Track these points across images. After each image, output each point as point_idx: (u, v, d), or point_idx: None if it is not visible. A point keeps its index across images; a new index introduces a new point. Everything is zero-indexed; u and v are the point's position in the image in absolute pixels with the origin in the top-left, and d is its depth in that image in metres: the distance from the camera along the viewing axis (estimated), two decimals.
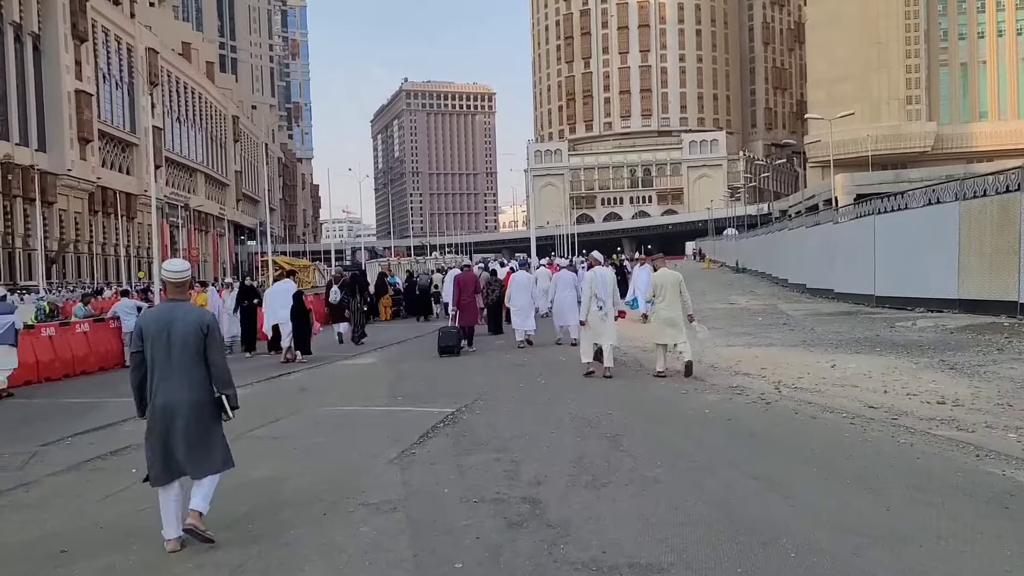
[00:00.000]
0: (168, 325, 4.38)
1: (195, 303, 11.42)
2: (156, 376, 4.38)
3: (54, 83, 60.40)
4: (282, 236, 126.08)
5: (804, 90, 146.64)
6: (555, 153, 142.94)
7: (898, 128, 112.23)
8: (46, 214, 58.72)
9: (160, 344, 4.36)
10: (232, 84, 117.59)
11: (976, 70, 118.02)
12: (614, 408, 7.64)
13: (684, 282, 9.89)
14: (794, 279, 27.41)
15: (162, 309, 4.58)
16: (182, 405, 4.34)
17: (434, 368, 11.78)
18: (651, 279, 10.23)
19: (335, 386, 10.45)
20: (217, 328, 4.63)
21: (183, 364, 4.36)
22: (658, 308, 9.70)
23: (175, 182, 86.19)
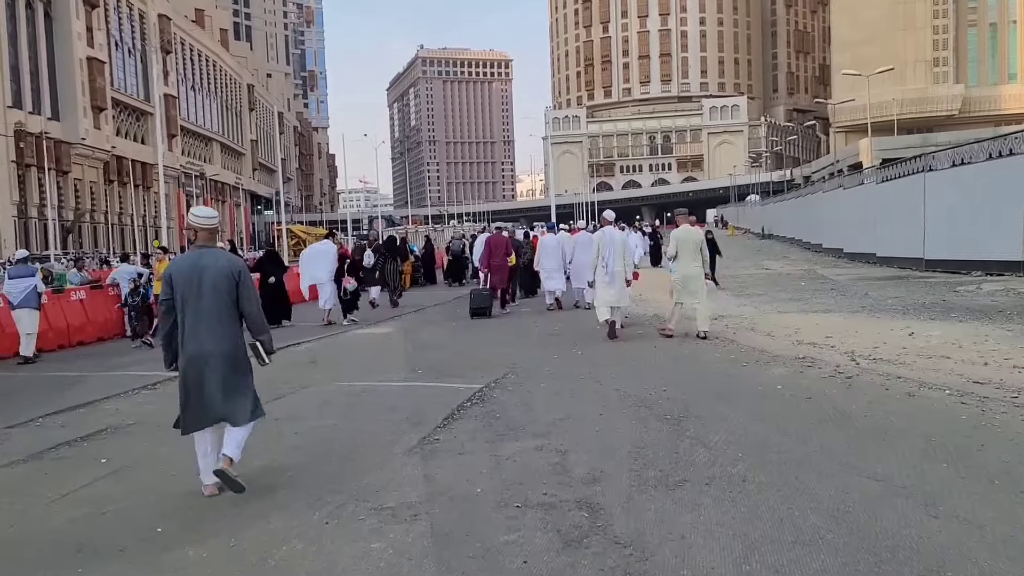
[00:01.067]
0: (199, 272, 4.26)
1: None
2: (187, 324, 4.27)
3: (66, 50, 59.65)
4: (299, 206, 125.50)
5: (827, 54, 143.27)
6: (573, 120, 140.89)
7: (924, 91, 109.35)
8: (61, 183, 58.41)
9: (191, 291, 4.25)
10: (247, 52, 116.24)
11: (1006, 30, 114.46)
12: (668, 383, 6.57)
13: (705, 242, 9.64)
14: (829, 243, 26.14)
15: (192, 256, 4.42)
16: (213, 354, 4.24)
17: (459, 337, 10.79)
18: (674, 235, 9.82)
19: (349, 358, 9.46)
20: (248, 274, 4.47)
21: (214, 312, 4.25)
22: (679, 266, 9.49)
23: (191, 151, 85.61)
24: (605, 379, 6.88)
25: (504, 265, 13.52)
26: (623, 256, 9.66)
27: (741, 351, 7.97)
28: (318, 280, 13.12)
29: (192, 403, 4.27)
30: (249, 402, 4.36)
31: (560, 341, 9.59)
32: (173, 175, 77.45)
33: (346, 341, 10.87)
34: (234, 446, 4.28)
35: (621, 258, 9.61)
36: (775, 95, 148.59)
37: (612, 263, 9.55)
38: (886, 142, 79.54)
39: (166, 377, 7.92)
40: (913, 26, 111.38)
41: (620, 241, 9.79)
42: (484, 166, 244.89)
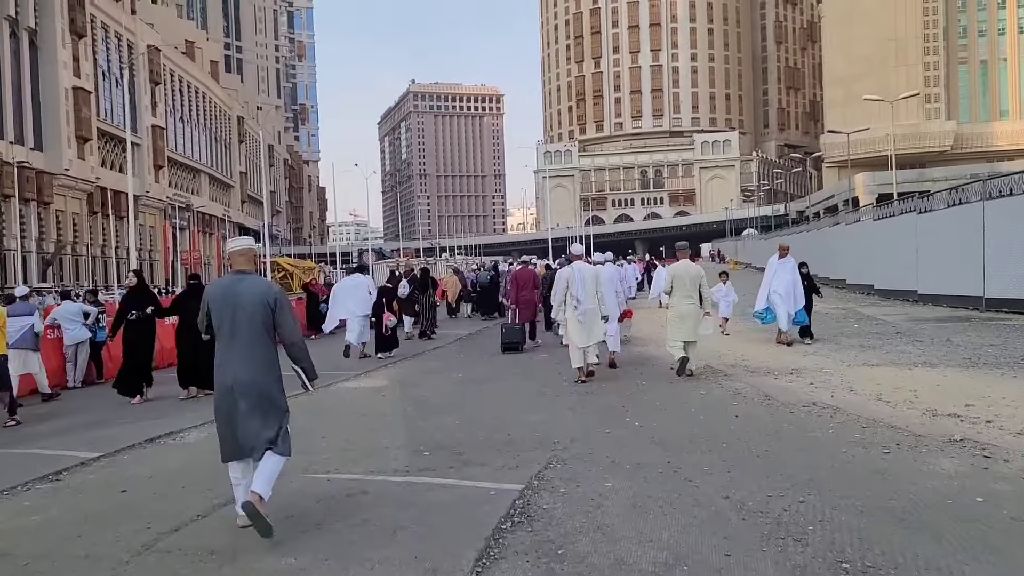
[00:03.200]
0: (234, 299, 4.17)
1: None
2: (220, 351, 4.19)
3: (51, 80, 58.51)
4: (289, 239, 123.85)
5: (817, 90, 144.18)
6: (565, 154, 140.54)
7: (917, 127, 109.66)
8: (42, 214, 56.81)
9: (225, 318, 4.17)
10: (237, 84, 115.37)
11: (996, 67, 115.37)
12: (793, 483, 4.57)
13: (705, 278, 9.23)
14: (855, 279, 24.38)
15: (227, 281, 4.36)
16: (246, 382, 4.11)
17: (475, 392, 8.87)
18: (669, 270, 9.57)
19: (332, 427, 7.18)
20: (286, 300, 4.34)
21: (248, 341, 4.13)
22: (674, 301, 9.17)
23: (178, 183, 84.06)
24: (695, 473, 4.86)
25: (532, 299, 13.23)
26: (595, 292, 9.03)
27: (861, 426, 5.98)
28: (352, 314, 12.66)
29: (225, 434, 4.19)
30: (277, 434, 4.18)
31: (602, 402, 7.64)
32: (159, 207, 75.69)
33: (332, 399, 8.76)
34: (263, 481, 4.08)
35: (594, 295, 9.00)
36: (766, 130, 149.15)
37: (586, 300, 8.90)
38: (882, 177, 78.97)
39: (78, 461, 5.91)
40: (905, 62, 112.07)
41: (592, 276, 9.11)
42: (475, 200, 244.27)
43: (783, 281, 11.42)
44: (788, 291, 11.33)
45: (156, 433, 6.96)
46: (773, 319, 11.65)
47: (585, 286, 8.98)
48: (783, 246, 12.23)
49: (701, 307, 9.10)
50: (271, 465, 4.12)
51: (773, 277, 11.66)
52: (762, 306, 11.70)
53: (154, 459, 6.16)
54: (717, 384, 8.24)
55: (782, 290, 11.36)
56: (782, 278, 11.49)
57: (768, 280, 11.70)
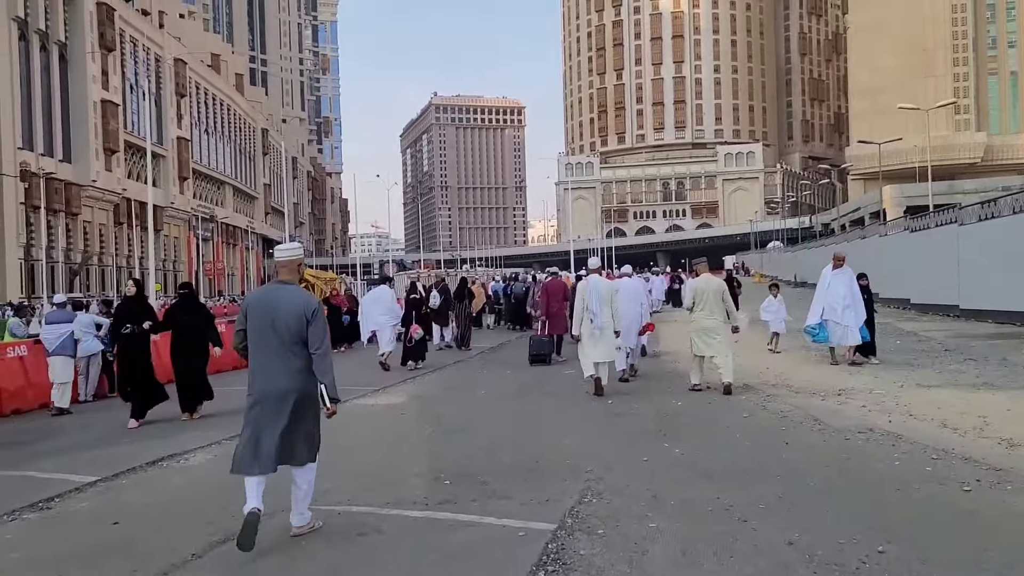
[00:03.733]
0: (273, 309, 4.20)
1: None
2: (256, 361, 4.20)
3: (80, 93, 59.28)
4: (311, 250, 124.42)
5: (842, 102, 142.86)
6: (587, 166, 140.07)
7: (946, 139, 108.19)
8: (70, 225, 57.39)
9: (263, 328, 4.19)
10: (262, 97, 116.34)
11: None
12: (868, 526, 3.98)
13: (728, 291, 9.15)
14: (890, 293, 23.58)
15: (267, 291, 4.39)
16: (279, 392, 4.12)
17: (499, 411, 8.35)
18: (691, 285, 9.48)
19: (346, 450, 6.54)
20: (322, 313, 4.30)
21: (284, 350, 4.14)
22: (697, 317, 9.00)
23: (202, 194, 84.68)
24: (750, 512, 4.28)
25: (562, 311, 12.81)
26: (611, 306, 8.98)
27: (931, 457, 5.34)
28: (379, 325, 12.93)
29: (249, 444, 4.14)
30: (307, 447, 4.23)
31: (636, 424, 7.10)
32: (184, 218, 76.22)
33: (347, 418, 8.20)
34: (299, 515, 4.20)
35: (609, 309, 8.94)
36: (790, 142, 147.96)
37: (600, 315, 8.83)
38: (910, 189, 77.81)
39: (73, 486, 5.48)
40: (933, 73, 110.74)
41: (607, 290, 9.07)
42: (496, 211, 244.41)
43: (839, 294, 10.43)
44: (846, 305, 10.35)
45: (159, 454, 6.51)
46: (826, 337, 10.63)
47: (601, 301, 8.88)
48: (839, 256, 11.18)
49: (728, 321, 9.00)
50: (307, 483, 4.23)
51: (827, 290, 10.66)
52: (815, 321, 10.64)
53: (154, 484, 5.73)
54: (760, 405, 7.67)
55: (839, 304, 10.39)
56: (838, 291, 10.50)
57: (822, 293, 10.73)
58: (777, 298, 13.41)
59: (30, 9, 54.09)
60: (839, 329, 10.43)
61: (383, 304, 13.06)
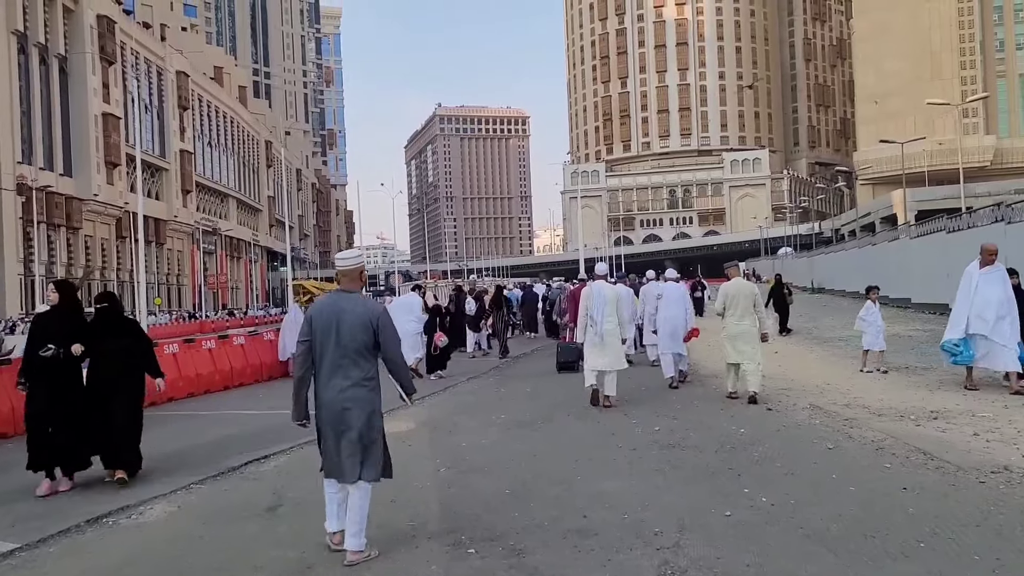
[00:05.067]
0: (337, 317, 4.16)
1: None
2: (322, 371, 4.16)
3: (80, 106, 58.82)
4: (316, 262, 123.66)
5: (848, 107, 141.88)
6: (592, 174, 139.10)
7: (954, 143, 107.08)
8: (71, 239, 56.75)
9: (328, 337, 4.14)
10: (265, 109, 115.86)
11: None
12: None
13: (760, 296, 8.78)
14: (923, 298, 22.35)
15: (331, 299, 4.30)
16: (345, 403, 4.09)
17: (524, 442, 7.09)
18: (723, 290, 8.94)
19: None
20: (388, 319, 4.30)
21: (349, 360, 4.12)
22: (728, 323, 8.73)
23: (206, 207, 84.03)
24: None
25: None
26: (616, 313, 8.65)
27: None
28: (405, 333, 11.99)
29: (330, 452, 4.14)
30: (376, 461, 4.14)
31: (698, 461, 5.85)
32: (187, 231, 75.46)
33: None
34: (356, 538, 4.04)
35: (615, 316, 8.62)
36: (796, 148, 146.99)
37: (603, 323, 8.48)
38: (921, 193, 76.70)
39: None
40: (940, 76, 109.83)
41: (612, 297, 8.72)
42: (501, 221, 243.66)
43: (990, 300, 8.14)
44: (1000, 316, 8.10)
45: (107, 508, 5.25)
46: (972, 356, 8.33)
47: (604, 308, 8.53)
48: (990, 249, 8.61)
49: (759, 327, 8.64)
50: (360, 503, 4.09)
51: (975, 293, 8.38)
52: (959, 335, 8.47)
53: (91, 551, 4.47)
54: (841, 432, 6.44)
55: (990, 314, 8.10)
56: (989, 296, 8.22)
57: (968, 297, 8.46)
58: (876, 304, 11.01)
59: (29, 22, 53.57)
60: (992, 347, 8.19)
61: (414, 312, 12.95)
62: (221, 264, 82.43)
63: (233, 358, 13.59)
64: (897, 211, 79.46)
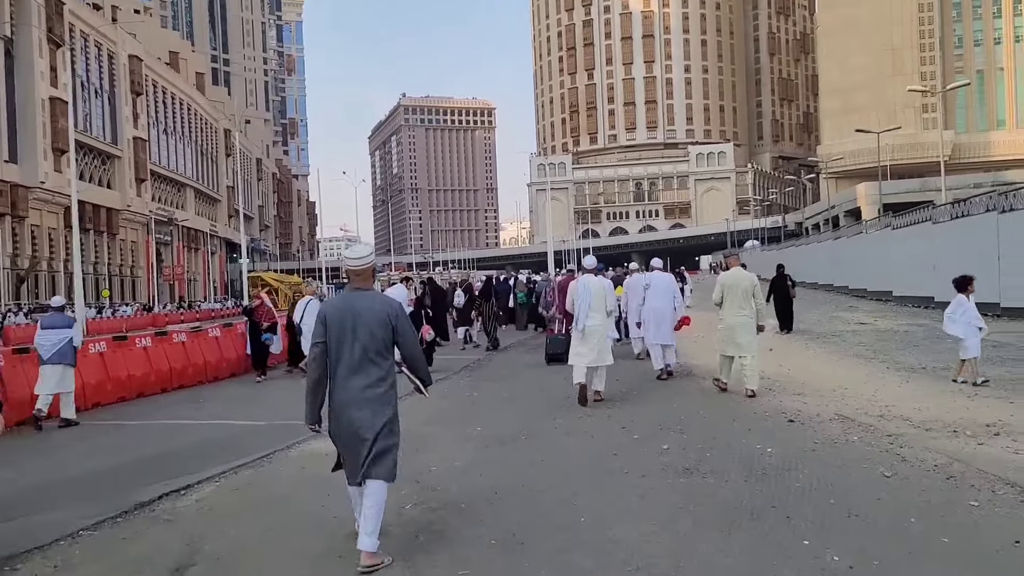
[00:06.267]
0: (352, 316, 4.05)
1: None
2: (338, 371, 4.05)
3: (27, 90, 56.15)
4: (276, 254, 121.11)
5: (811, 101, 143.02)
6: (559, 166, 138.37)
7: (914, 137, 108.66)
8: (17, 229, 54.21)
9: (344, 337, 4.03)
10: (224, 97, 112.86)
11: (993, 77, 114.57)
12: None
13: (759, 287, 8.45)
14: (905, 291, 21.68)
15: (345, 299, 4.17)
16: (364, 403, 4.00)
17: (506, 463, 5.89)
18: (720, 280, 8.71)
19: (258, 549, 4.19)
20: (404, 313, 4.20)
21: (367, 359, 4.02)
22: (725, 313, 8.47)
23: (162, 197, 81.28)
24: None
25: None
26: (604, 307, 8.40)
27: None
28: None
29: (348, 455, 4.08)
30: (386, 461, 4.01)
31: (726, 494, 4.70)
32: (142, 221, 72.86)
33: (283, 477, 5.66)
34: (370, 537, 3.88)
35: (602, 310, 8.36)
36: (760, 142, 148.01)
37: (590, 317, 8.25)
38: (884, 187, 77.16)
39: None
40: (902, 72, 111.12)
41: (600, 291, 8.44)
42: (467, 214, 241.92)
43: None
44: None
45: None
46: None
47: (591, 302, 8.25)
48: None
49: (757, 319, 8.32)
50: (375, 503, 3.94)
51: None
52: None
53: None
54: (890, 452, 5.36)
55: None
56: None
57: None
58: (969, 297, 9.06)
59: None
60: None
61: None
62: (178, 255, 79.85)
63: (172, 357, 12.20)
64: (861, 205, 79.97)
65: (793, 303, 15.17)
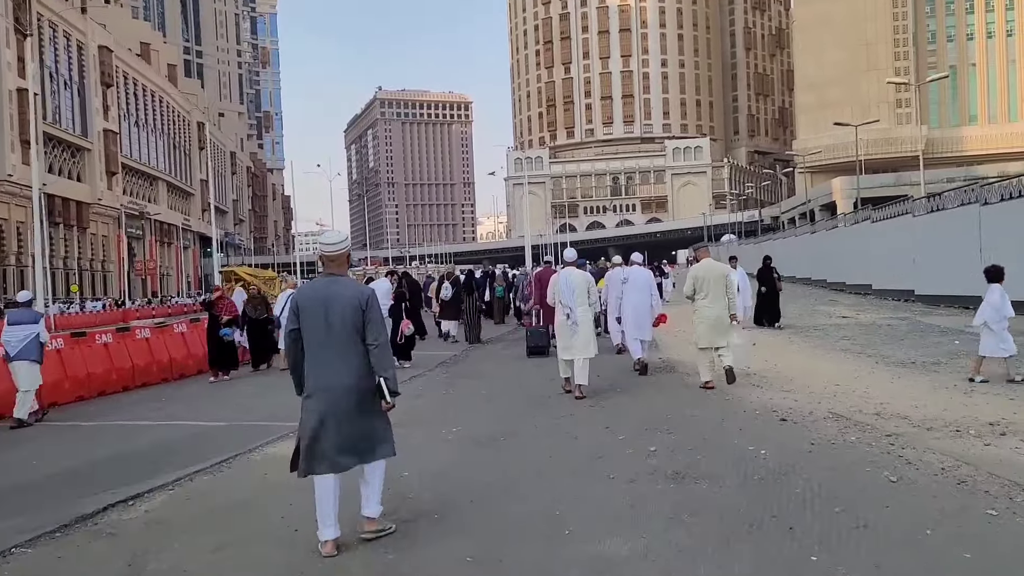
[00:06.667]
0: (325, 302, 4.01)
1: None
2: (312, 359, 4.00)
3: None
4: (251, 248, 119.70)
5: (786, 96, 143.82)
6: (536, 161, 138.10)
7: (888, 132, 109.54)
8: None
9: (317, 323, 3.99)
10: (197, 89, 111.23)
11: (966, 73, 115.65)
12: None
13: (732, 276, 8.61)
14: (885, 284, 21.58)
15: (318, 284, 4.14)
16: (338, 390, 3.95)
17: (485, 468, 5.52)
18: (692, 272, 8.72)
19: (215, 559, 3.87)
20: (377, 304, 4.11)
21: (341, 345, 3.97)
22: (700, 306, 8.44)
23: (134, 190, 79.86)
24: None
25: None
26: (587, 299, 8.40)
27: None
28: None
29: (313, 446, 3.92)
30: (377, 441, 4.04)
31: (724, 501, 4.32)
32: (113, 215, 71.52)
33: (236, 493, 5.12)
34: (373, 503, 4.05)
35: (585, 303, 8.36)
36: (736, 137, 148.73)
37: (575, 309, 8.22)
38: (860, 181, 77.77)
39: None
40: (876, 67, 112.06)
41: (583, 284, 8.43)
42: (444, 208, 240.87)
43: None
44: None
45: None
46: None
47: (574, 295, 8.23)
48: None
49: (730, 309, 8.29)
50: (378, 480, 4.06)
51: None
52: None
53: None
54: (894, 455, 5.00)
55: None
56: None
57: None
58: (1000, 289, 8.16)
59: None
60: None
61: (388, 298, 12.21)
62: (150, 250, 78.50)
63: (135, 354, 11.68)
64: (836, 199, 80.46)
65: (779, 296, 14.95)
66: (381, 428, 4.05)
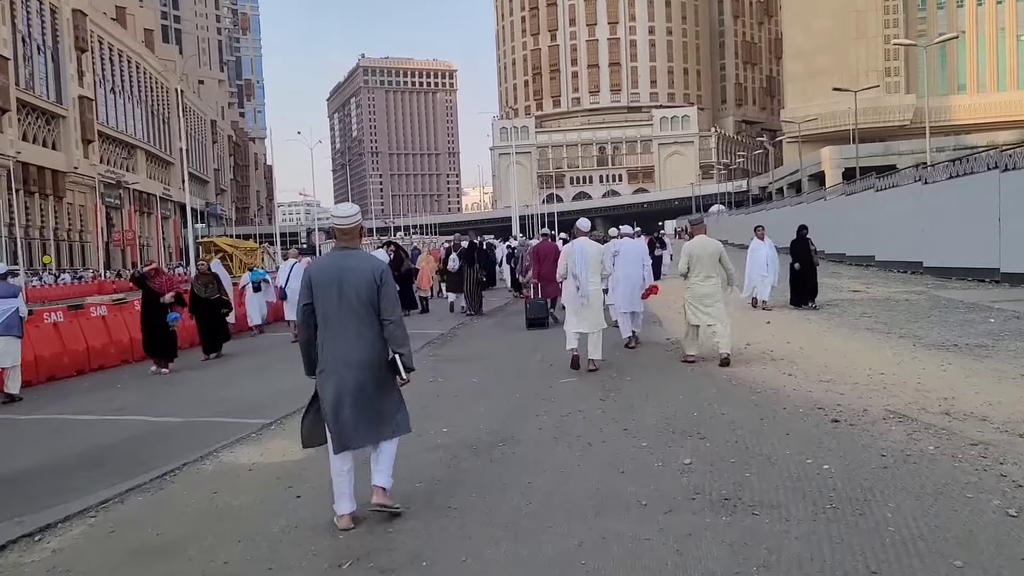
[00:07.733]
0: (339, 275, 3.94)
1: None
2: (326, 333, 3.94)
3: None
4: (232, 218, 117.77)
5: (774, 65, 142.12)
6: (522, 130, 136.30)
7: (877, 101, 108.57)
8: None
9: (331, 297, 3.93)
10: (175, 56, 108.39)
11: (954, 42, 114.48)
12: None
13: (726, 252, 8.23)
14: (890, 256, 20.75)
15: (331, 258, 4.10)
16: (354, 364, 3.89)
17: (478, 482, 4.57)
18: (685, 248, 8.48)
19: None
20: (391, 279, 4.07)
21: (355, 319, 3.91)
22: (692, 282, 8.27)
23: (111, 159, 77.91)
24: None
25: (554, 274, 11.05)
26: (601, 271, 8.30)
27: None
28: None
29: (334, 422, 3.90)
30: (393, 418, 4.02)
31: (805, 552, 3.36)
32: (90, 184, 69.67)
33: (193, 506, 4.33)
34: (385, 475, 4.01)
35: (598, 275, 8.23)
36: (723, 106, 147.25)
37: (586, 281, 8.04)
38: (848, 151, 77.16)
39: None
40: (865, 35, 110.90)
41: (596, 255, 8.29)
42: (429, 178, 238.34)
43: None
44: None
45: None
46: None
47: (587, 266, 8.02)
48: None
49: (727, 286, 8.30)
50: (389, 453, 4.03)
51: None
52: None
53: None
54: (997, 474, 3.94)
55: None
56: None
57: None
58: None
59: None
60: None
61: None
62: (129, 220, 76.74)
63: (91, 335, 10.59)
64: (825, 169, 79.69)
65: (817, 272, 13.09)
66: (397, 404, 4.03)
